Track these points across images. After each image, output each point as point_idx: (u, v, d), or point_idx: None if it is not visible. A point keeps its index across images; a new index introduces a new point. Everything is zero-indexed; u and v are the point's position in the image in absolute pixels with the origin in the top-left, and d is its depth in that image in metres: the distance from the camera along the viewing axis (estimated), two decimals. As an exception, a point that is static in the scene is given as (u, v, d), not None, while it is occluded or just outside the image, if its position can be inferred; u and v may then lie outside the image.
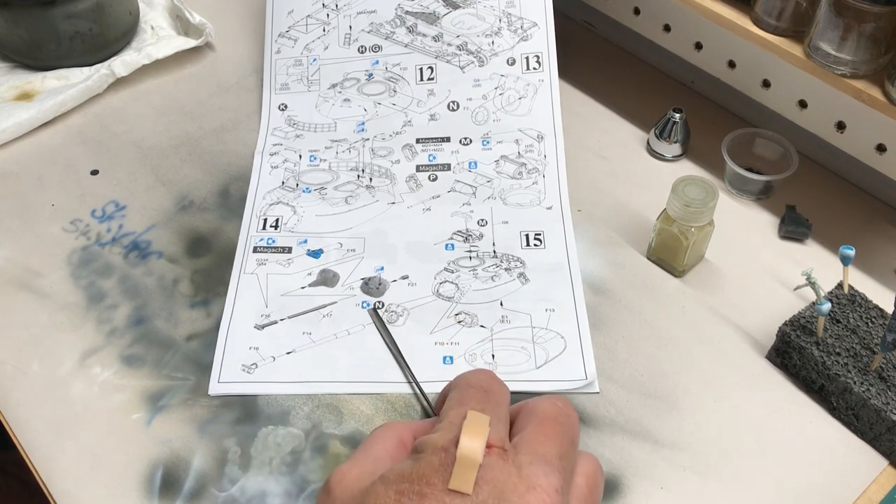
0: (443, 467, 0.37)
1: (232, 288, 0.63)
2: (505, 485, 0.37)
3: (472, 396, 0.42)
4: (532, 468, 0.38)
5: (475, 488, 0.37)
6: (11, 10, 0.76)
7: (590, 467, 0.42)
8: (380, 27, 0.77)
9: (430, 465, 0.38)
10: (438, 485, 0.37)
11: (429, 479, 0.37)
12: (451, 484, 0.37)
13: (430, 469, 0.37)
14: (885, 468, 0.54)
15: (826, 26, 0.59)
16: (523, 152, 0.73)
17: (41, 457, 0.54)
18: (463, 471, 0.37)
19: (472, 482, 0.37)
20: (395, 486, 0.38)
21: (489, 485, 0.37)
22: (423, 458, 0.38)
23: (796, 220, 0.68)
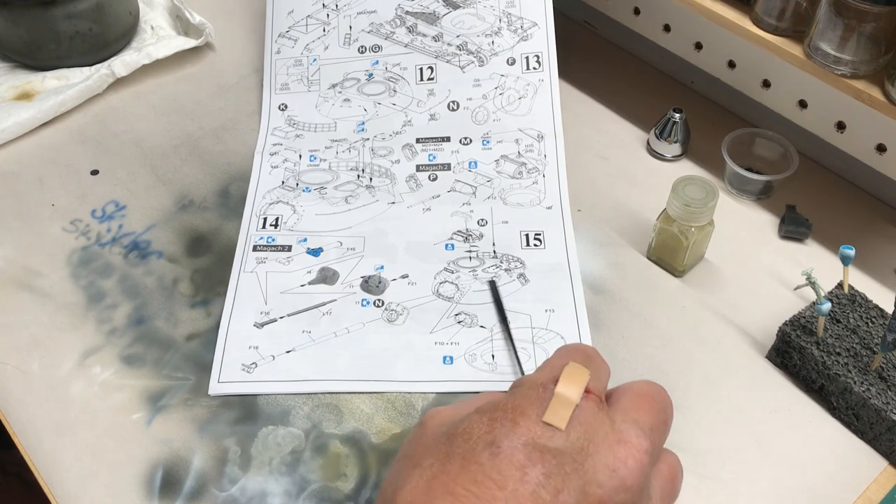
0: (539, 401, 0.38)
1: (231, 286, 0.63)
2: (597, 431, 0.38)
3: (576, 355, 0.42)
4: (625, 426, 0.39)
5: (567, 427, 0.37)
6: (11, 10, 0.76)
7: (674, 459, 0.43)
8: (380, 27, 0.77)
9: (526, 397, 0.38)
10: (532, 416, 0.38)
11: (524, 409, 0.38)
12: (545, 417, 0.37)
13: (527, 401, 0.38)
14: (884, 468, 0.54)
15: (826, 26, 0.59)
16: (523, 152, 0.73)
17: (41, 457, 0.54)
18: (559, 407, 0.38)
19: (567, 419, 0.37)
20: (489, 415, 0.38)
21: (582, 427, 0.38)
22: (520, 391, 0.39)
23: (796, 220, 0.68)
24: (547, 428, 0.37)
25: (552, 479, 0.36)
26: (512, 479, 0.36)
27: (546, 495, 0.36)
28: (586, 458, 0.37)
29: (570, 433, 0.37)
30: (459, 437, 0.38)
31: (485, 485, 0.36)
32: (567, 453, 0.37)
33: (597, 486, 0.36)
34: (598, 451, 0.37)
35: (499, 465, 0.36)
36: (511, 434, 0.37)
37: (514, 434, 0.37)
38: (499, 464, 0.36)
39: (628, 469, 0.37)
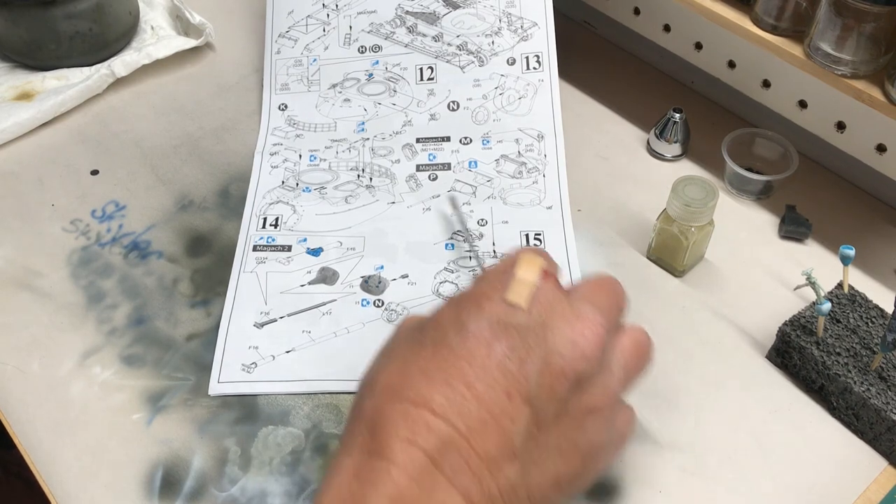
0: (501, 286, 0.41)
1: (231, 286, 0.63)
2: (556, 308, 0.41)
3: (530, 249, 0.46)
4: (582, 304, 0.42)
5: (529, 305, 0.41)
6: (11, 10, 0.76)
7: (639, 335, 0.46)
8: (380, 27, 0.77)
9: (489, 283, 0.42)
10: (496, 298, 0.41)
11: (488, 294, 0.41)
12: (507, 297, 0.41)
13: (490, 287, 0.42)
14: (884, 468, 0.54)
15: (826, 26, 0.59)
16: (523, 152, 0.73)
17: (41, 457, 0.54)
18: (519, 287, 0.41)
19: (528, 298, 0.41)
20: (455, 303, 0.42)
21: (542, 304, 0.41)
22: (483, 280, 0.43)
23: (796, 220, 0.68)
24: (510, 307, 0.41)
25: (517, 351, 0.39)
26: (480, 355, 0.39)
27: (512, 366, 0.39)
28: (547, 332, 0.40)
29: (532, 310, 0.41)
30: (430, 326, 0.42)
31: (455, 363, 0.39)
32: (530, 328, 0.40)
33: (558, 357, 0.40)
34: (557, 326, 0.41)
35: (467, 343, 0.39)
36: (477, 316, 0.40)
37: (480, 315, 0.40)
38: (467, 342, 0.40)
39: (587, 340, 0.41)
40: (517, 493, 0.39)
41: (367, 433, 0.39)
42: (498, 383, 0.39)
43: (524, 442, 0.39)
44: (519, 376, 0.39)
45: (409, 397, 0.39)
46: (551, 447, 0.40)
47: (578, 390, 0.41)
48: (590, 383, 0.41)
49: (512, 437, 0.39)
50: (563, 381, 0.40)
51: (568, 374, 0.40)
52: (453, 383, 0.39)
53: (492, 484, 0.38)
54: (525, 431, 0.39)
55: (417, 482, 0.37)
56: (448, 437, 0.38)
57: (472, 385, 0.39)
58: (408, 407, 0.39)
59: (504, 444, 0.39)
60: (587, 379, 0.41)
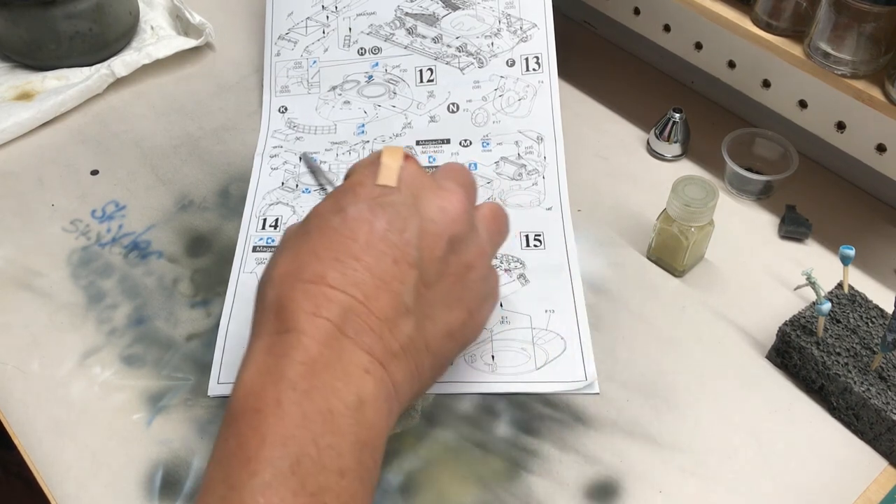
0: (370, 174, 0.46)
1: (231, 287, 0.63)
2: (423, 184, 0.46)
3: None
4: (443, 181, 0.48)
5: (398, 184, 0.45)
6: (11, 10, 0.76)
7: (494, 206, 0.52)
8: (379, 29, 0.77)
9: (359, 173, 0.47)
10: (368, 184, 0.46)
11: (360, 181, 0.46)
12: (378, 180, 0.46)
13: (361, 176, 0.46)
14: (885, 468, 0.54)
15: (826, 26, 0.59)
16: (523, 154, 0.73)
17: (41, 457, 0.54)
18: (387, 171, 0.46)
19: (396, 178, 0.46)
20: (332, 196, 0.46)
21: (410, 182, 0.46)
22: (354, 173, 0.48)
23: (796, 220, 0.68)
24: (382, 188, 0.45)
25: (395, 223, 0.44)
26: (362, 231, 0.43)
27: (393, 237, 0.44)
28: (419, 204, 0.45)
29: (402, 188, 0.45)
30: (312, 217, 0.46)
31: (341, 241, 0.43)
32: (402, 203, 0.45)
33: (431, 223, 0.45)
34: (426, 197, 0.46)
35: (349, 224, 0.44)
36: (354, 200, 0.45)
37: (356, 199, 0.45)
38: (349, 223, 0.44)
39: (453, 206, 0.46)
40: (415, 344, 0.44)
41: (273, 317, 0.43)
42: (384, 253, 0.43)
43: (415, 300, 0.44)
44: (401, 244, 0.44)
45: (306, 278, 0.43)
46: (439, 302, 0.46)
47: (455, 251, 0.46)
48: (463, 244, 0.47)
49: (403, 297, 0.43)
50: (440, 242, 0.45)
51: (443, 235, 0.45)
52: (343, 259, 0.43)
53: (392, 339, 0.43)
54: (414, 291, 0.44)
55: (326, 346, 0.41)
56: (348, 304, 0.42)
57: (360, 258, 0.43)
58: (307, 286, 0.42)
59: (397, 304, 0.43)
60: (460, 240, 0.46)
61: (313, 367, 0.41)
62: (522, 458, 0.54)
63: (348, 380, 0.41)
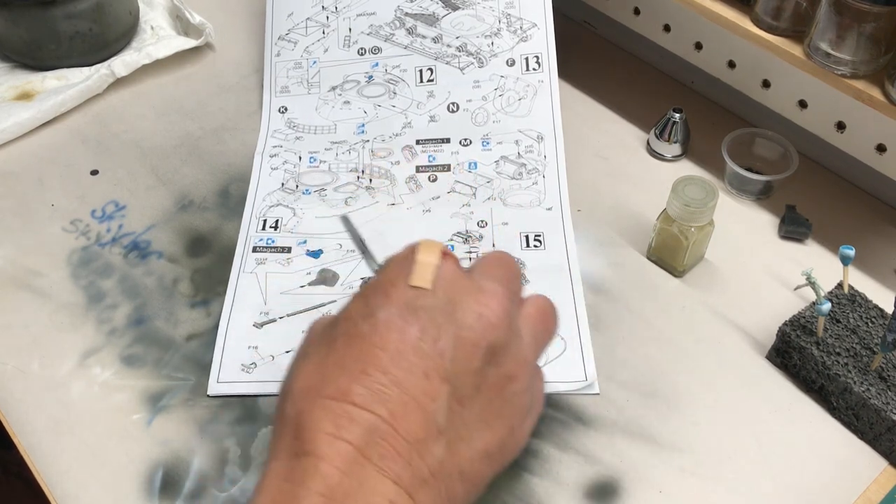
0: (404, 272, 0.42)
1: (231, 286, 0.63)
2: (460, 286, 0.42)
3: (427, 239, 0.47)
4: (482, 279, 0.44)
5: (433, 286, 0.42)
6: (11, 10, 0.76)
7: (541, 301, 0.47)
8: (379, 29, 0.77)
9: (392, 271, 0.43)
10: (401, 285, 0.42)
11: (393, 281, 0.42)
12: (412, 281, 0.42)
13: (393, 274, 0.42)
14: (884, 468, 0.54)
15: (826, 26, 0.59)
16: (523, 153, 0.73)
17: (41, 457, 0.54)
18: (422, 270, 0.42)
19: (431, 280, 0.42)
20: (363, 295, 0.43)
21: (446, 283, 0.42)
22: (386, 269, 0.44)
23: (796, 220, 0.68)
24: (416, 290, 0.41)
25: (428, 331, 0.40)
26: (393, 340, 0.40)
27: (426, 346, 0.40)
28: (454, 309, 0.41)
29: (437, 291, 0.41)
30: (341, 321, 0.42)
31: (370, 351, 0.40)
32: (437, 308, 0.41)
33: (468, 330, 0.41)
34: (463, 301, 0.42)
35: (379, 331, 0.40)
36: (385, 303, 0.41)
37: (388, 303, 0.41)
38: (379, 330, 0.40)
39: (492, 311, 0.42)
40: (447, 469, 0.40)
41: (291, 436, 0.39)
42: (415, 366, 0.39)
43: (447, 419, 0.40)
44: (434, 355, 0.40)
45: (328, 393, 0.39)
46: (475, 420, 0.41)
47: (493, 361, 0.42)
48: (503, 352, 0.42)
49: (435, 416, 0.39)
50: (477, 352, 0.41)
51: (480, 344, 0.41)
52: (370, 372, 0.39)
53: (421, 465, 0.39)
54: (447, 408, 0.40)
55: (347, 474, 0.37)
56: (372, 425, 0.38)
57: (388, 371, 0.39)
58: (328, 403, 0.39)
59: (428, 423, 0.39)
60: (500, 348, 0.42)
61: (332, 499, 0.37)
62: (522, 458, 0.54)
63: None
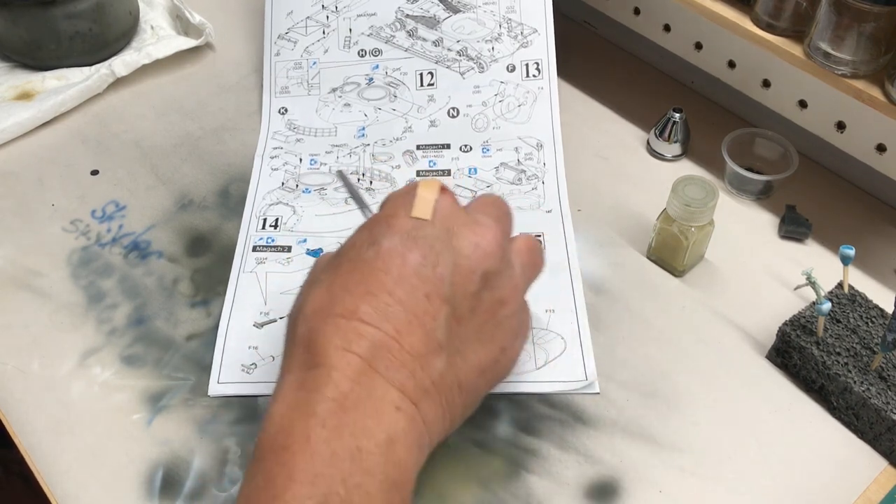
0: (405, 206, 0.45)
1: (231, 286, 0.63)
2: (457, 218, 0.46)
3: None
4: (477, 214, 0.47)
5: (433, 217, 0.45)
6: (11, 10, 0.76)
7: (529, 238, 0.51)
8: (380, 30, 0.77)
9: (394, 205, 0.46)
10: (402, 216, 0.45)
11: (395, 212, 0.45)
12: (413, 213, 0.45)
13: (395, 207, 0.45)
14: (884, 468, 0.54)
15: (826, 26, 0.59)
16: (523, 160, 0.73)
17: (41, 457, 0.54)
18: (422, 204, 0.45)
19: (431, 212, 0.45)
20: (366, 227, 0.46)
21: (444, 215, 0.45)
22: (388, 203, 0.47)
23: (796, 220, 0.68)
24: (416, 221, 0.44)
25: (428, 258, 0.43)
26: (395, 265, 0.43)
27: (426, 271, 0.43)
28: (452, 239, 0.45)
29: (436, 222, 0.45)
30: (345, 249, 0.45)
31: (374, 275, 0.43)
32: (436, 237, 0.44)
33: (465, 258, 0.44)
34: (460, 232, 0.45)
35: (382, 257, 0.43)
36: (388, 232, 0.44)
37: (390, 232, 0.44)
38: (382, 256, 0.43)
39: (487, 241, 0.45)
40: (447, 380, 0.44)
41: (304, 351, 0.42)
42: (416, 288, 0.43)
43: (447, 336, 0.43)
44: (434, 279, 0.43)
45: (338, 312, 0.42)
46: (471, 338, 0.45)
47: (488, 286, 0.45)
48: (497, 279, 0.46)
49: (436, 333, 0.43)
50: (473, 278, 0.44)
51: (476, 270, 0.44)
52: (376, 293, 0.42)
53: (424, 376, 0.42)
54: (446, 326, 0.43)
55: (357, 382, 0.40)
56: (379, 340, 0.41)
57: (393, 292, 0.42)
58: (338, 320, 0.42)
59: (429, 339, 0.43)
60: (494, 275, 0.45)
61: (343, 404, 0.40)
62: (522, 457, 0.54)
63: (379, 417, 0.40)
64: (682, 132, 0.73)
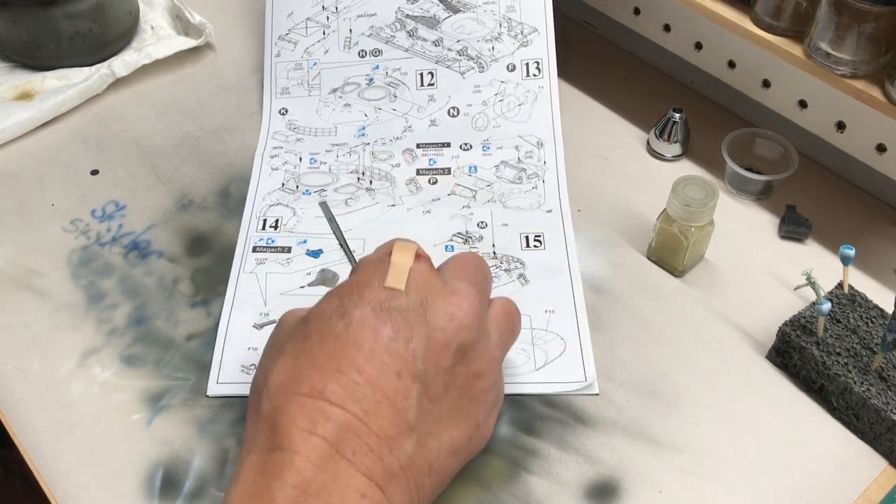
0: (378, 273, 0.44)
1: (231, 287, 0.63)
2: (432, 287, 0.44)
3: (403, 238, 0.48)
4: (454, 281, 0.45)
5: (406, 287, 0.43)
6: (11, 10, 0.76)
7: (506, 302, 0.50)
8: (380, 31, 0.77)
9: (367, 272, 0.44)
10: (375, 285, 0.43)
11: (367, 281, 0.44)
12: (386, 283, 0.43)
13: (368, 275, 0.44)
14: (884, 468, 0.54)
15: (826, 26, 0.59)
16: (523, 158, 0.73)
17: (41, 457, 0.54)
18: (396, 272, 0.44)
19: (405, 281, 0.43)
20: (337, 294, 0.44)
21: (419, 285, 0.44)
22: (361, 269, 0.45)
23: (796, 220, 0.68)
24: (389, 291, 0.43)
25: (401, 332, 0.42)
26: (367, 339, 0.41)
27: (398, 346, 0.41)
28: (427, 310, 0.43)
29: (410, 292, 0.43)
30: (314, 317, 0.43)
31: (344, 350, 0.41)
32: (410, 309, 0.43)
33: (439, 331, 0.43)
34: (435, 303, 0.43)
35: (353, 331, 0.42)
36: (359, 303, 0.43)
37: (362, 302, 0.43)
38: (353, 330, 0.42)
39: (463, 312, 0.44)
40: (416, 463, 0.42)
41: (267, 431, 0.41)
42: (387, 365, 0.41)
43: (418, 416, 0.42)
44: (406, 355, 0.41)
45: (303, 391, 0.40)
46: (444, 416, 0.43)
47: (463, 360, 0.44)
48: (472, 351, 0.44)
49: (406, 414, 0.41)
50: (447, 352, 0.43)
51: (450, 345, 0.43)
52: (345, 370, 0.41)
53: (392, 460, 0.41)
54: (418, 406, 0.42)
55: (321, 468, 0.39)
56: (346, 422, 0.40)
57: (362, 370, 0.41)
58: (304, 400, 0.40)
59: (399, 421, 0.41)
60: (469, 347, 0.44)
61: (306, 491, 0.38)
62: (522, 458, 0.54)
63: None
64: (682, 132, 0.73)
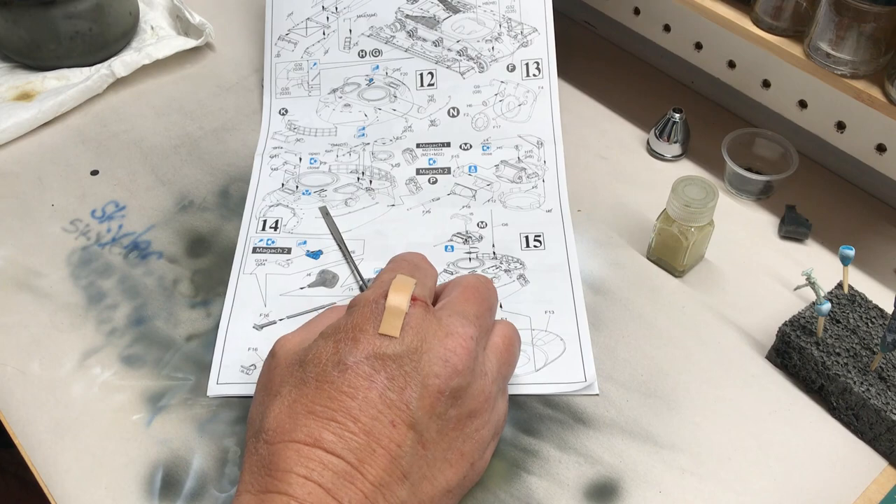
0: (373, 316, 0.44)
1: (231, 288, 0.63)
2: (427, 331, 0.44)
3: (403, 267, 0.49)
4: (451, 320, 0.46)
5: (401, 333, 0.44)
6: (11, 10, 0.76)
7: (507, 329, 0.50)
8: (380, 31, 0.77)
9: (362, 315, 0.45)
10: (370, 331, 0.44)
11: (362, 326, 0.44)
12: (380, 329, 0.44)
13: (363, 318, 0.45)
14: (884, 468, 0.54)
15: (826, 26, 0.59)
16: (523, 157, 0.73)
17: (41, 457, 0.54)
18: (391, 317, 0.44)
19: (399, 327, 0.44)
20: (332, 338, 0.45)
21: (413, 330, 0.44)
22: (356, 310, 0.45)
23: (796, 220, 0.68)
24: (384, 338, 0.44)
25: (396, 380, 0.43)
26: (361, 388, 0.42)
27: (393, 395, 0.42)
28: (421, 356, 0.44)
29: (404, 338, 0.44)
30: (310, 363, 0.44)
31: (338, 399, 0.42)
32: (405, 356, 0.43)
33: (434, 377, 0.43)
34: (430, 348, 0.44)
35: (348, 379, 0.42)
36: (354, 350, 0.43)
37: (357, 350, 0.43)
38: (348, 378, 0.42)
39: (458, 356, 0.44)
40: None
41: (263, 473, 0.42)
42: (382, 414, 0.42)
43: (412, 462, 0.43)
44: (400, 404, 0.42)
45: (300, 438, 0.42)
46: (438, 459, 0.44)
47: (457, 403, 0.44)
48: (466, 393, 0.45)
49: (401, 461, 0.42)
50: (441, 398, 0.43)
51: (444, 391, 0.44)
52: (340, 419, 0.42)
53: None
54: (412, 453, 0.43)
55: None
56: (341, 470, 0.41)
57: (357, 419, 0.42)
58: (300, 447, 0.41)
59: (393, 468, 0.42)
60: (463, 389, 0.44)
61: None
62: (522, 458, 0.54)
63: None
64: (682, 132, 0.73)
